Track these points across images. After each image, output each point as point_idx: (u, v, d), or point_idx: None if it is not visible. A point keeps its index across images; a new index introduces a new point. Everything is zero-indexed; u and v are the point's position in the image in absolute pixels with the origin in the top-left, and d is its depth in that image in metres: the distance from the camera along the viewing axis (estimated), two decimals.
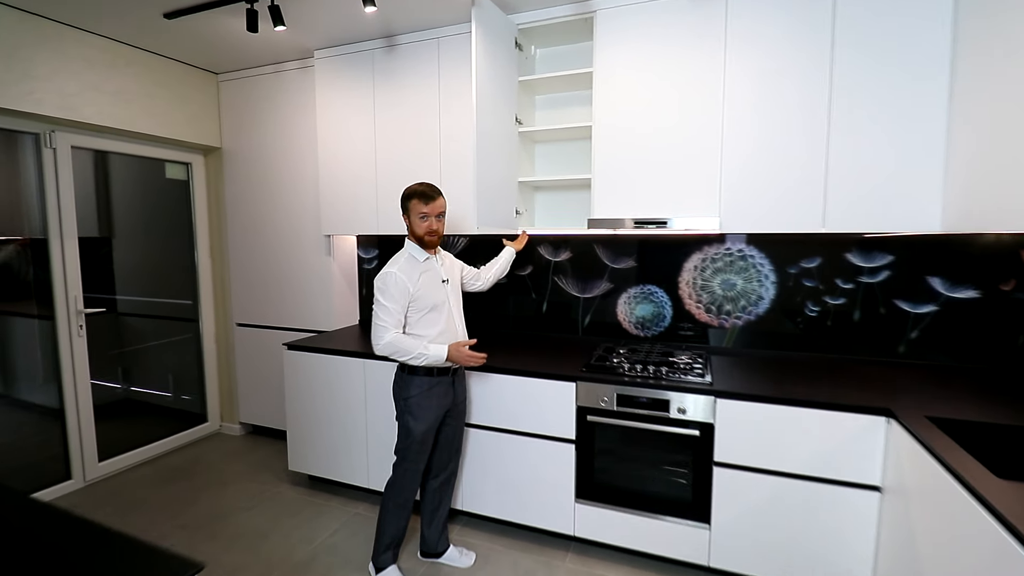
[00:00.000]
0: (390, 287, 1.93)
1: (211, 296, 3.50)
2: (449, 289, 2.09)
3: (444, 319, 2.04)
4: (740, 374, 2.15)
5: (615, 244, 2.68)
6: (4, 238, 2.63)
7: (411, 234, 2.04)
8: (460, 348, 1.99)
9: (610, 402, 2.09)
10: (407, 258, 2.01)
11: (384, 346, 1.93)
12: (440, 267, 2.09)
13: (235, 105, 3.31)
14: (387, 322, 1.92)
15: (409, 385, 2.02)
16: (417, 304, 1.97)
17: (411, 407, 2.02)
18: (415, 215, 1.99)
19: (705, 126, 2.15)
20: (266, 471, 2.99)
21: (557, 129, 2.47)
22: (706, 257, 2.51)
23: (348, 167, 2.87)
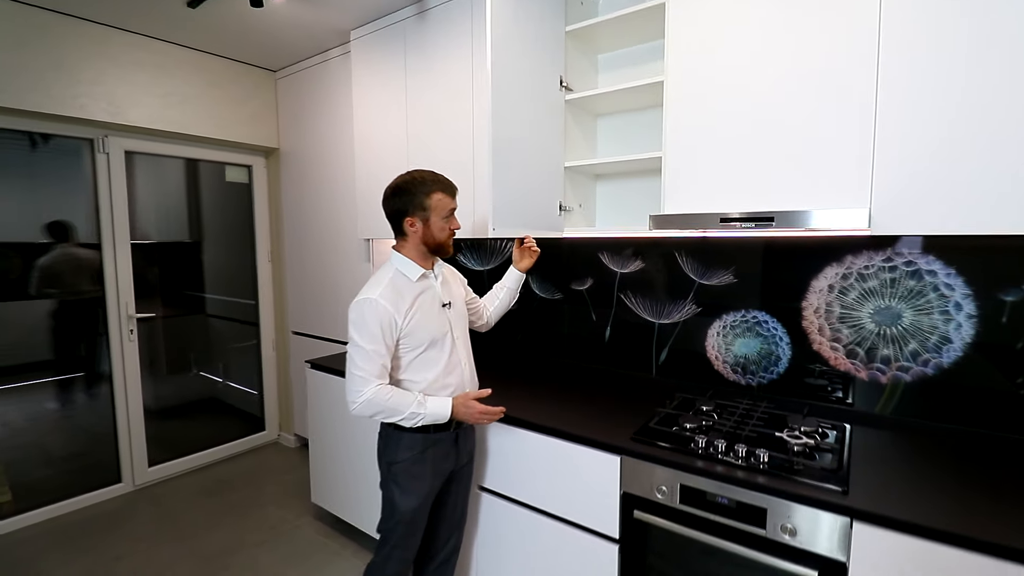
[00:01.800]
0: (368, 321, 1.39)
1: (271, 302, 3.39)
2: (453, 315, 1.56)
3: (447, 356, 1.51)
4: (902, 472, 1.29)
5: (706, 251, 1.90)
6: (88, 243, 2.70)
7: (421, 242, 1.49)
8: (470, 402, 1.47)
9: (669, 495, 1.37)
10: (393, 277, 1.47)
11: (362, 406, 1.39)
12: (439, 285, 1.55)
13: (290, 103, 3.13)
14: (365, 370, 1.38)
15: (396, 445, 1.50)
16: (410, 340, 1.45)
17: (397, 475, 1.51)
18: (439, 214, 1.46)
19: (844, 72, 1.31)
20: (296, 497, 2.73)
21: (621, 91, 1.77)
22: (850, 272, 1.63)
23: (384, 160, 2.47)
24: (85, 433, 2.88)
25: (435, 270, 1.57)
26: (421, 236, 1.48)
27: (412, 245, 1.50)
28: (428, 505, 1.56)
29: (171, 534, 2.41)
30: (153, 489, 2.84)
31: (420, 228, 1.47)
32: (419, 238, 1.48)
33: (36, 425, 2.89)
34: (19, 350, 2.97)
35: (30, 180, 2.76)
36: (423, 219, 1.46)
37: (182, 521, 2.52)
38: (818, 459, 1.32)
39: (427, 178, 1.46)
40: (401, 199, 1.46)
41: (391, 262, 1.52)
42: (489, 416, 1.49)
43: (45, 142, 2.62)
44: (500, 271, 2.11)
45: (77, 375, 2.96)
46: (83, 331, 2.80)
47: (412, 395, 1.43)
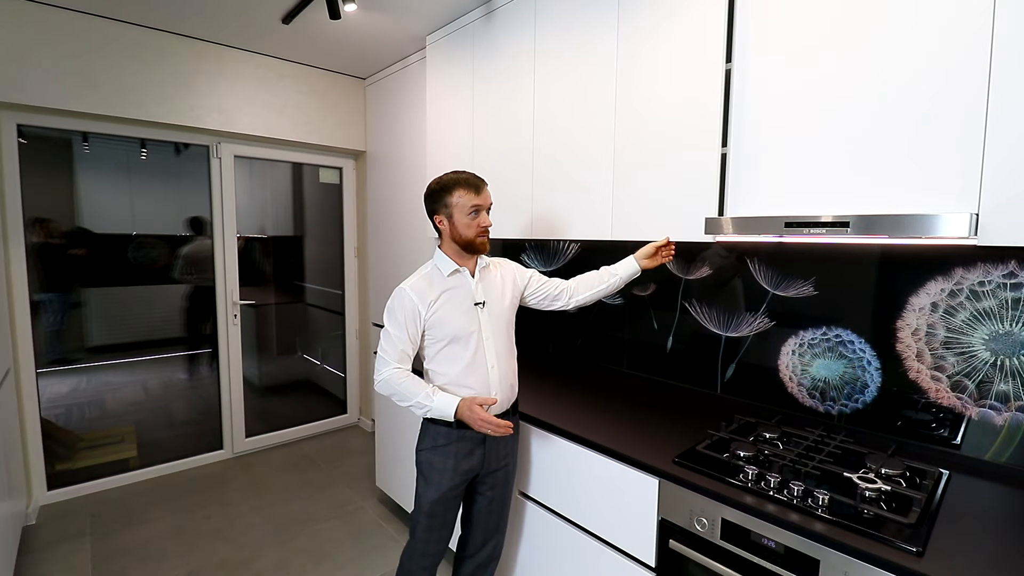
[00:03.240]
0: (395, 307, 1.49)
1: (355, 294, 3.63)
2: (485, 315, 1.55)
3: (471, 354, 1.51)
4: (1003, 536, 1.05)
5: (780, 258, 1.70)
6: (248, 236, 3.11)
7: (451, 239, 1.54)
8: (474, 407, 1.42)
9: (709, 528, 1.24)
10: (429, 272, 1.54)
11: (381, 384, 1.48)
12: (475, 283, 1.56)
13: (376, 108, 3.31)
14: (387, 352, 1.48)
15: (424, 434, 1.57)
16: (434, 333, 1.50)
17: (421, 464, 1.57)
18: (461, 211, 1.49)
19: (949, 43, 1.09)
20: (365, 480, 2.89)
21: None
22: (957, 288, 1.36)
23: (451, 161, 2.53)
24: (202, 403, 3.30)
25: (476, 268, 1.57)
26: (450, 233, 1.52)
27: (447, 242, 1.55)
28: (452, 503, 1.57)
29: (254, 501, 2.68)
30: (247, 458, 3.17)
31: (448, 226, 1.52)
32: (449, 236, 1.53)
33: (166, 392, 3.36)
34: (162, 327, 3.47)
35: (176, 181, 3.21)
36: (448, 216, 1.51)
37: (265, 490, 2.79)
38: (895, 509, 1.11)
39: (450, 178, 1.51)
40: (431, 200, 1.53)
41: (432, 258, 1.59)
42: (492, 427, 1.40)
43: (186, 149, 3.03)
44: (561, 273, 2.06)
45: (203, 351, 3.40)
46: (209, 312, 3.20)
47: (424, 386, 1.46)
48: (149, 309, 3.41)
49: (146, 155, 3.04)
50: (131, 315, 3.35)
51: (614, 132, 1.76)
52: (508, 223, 2.22)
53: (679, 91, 1.57)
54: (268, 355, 3.73)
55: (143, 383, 3.36)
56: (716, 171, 1.48)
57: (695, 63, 1.52)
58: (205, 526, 2.45)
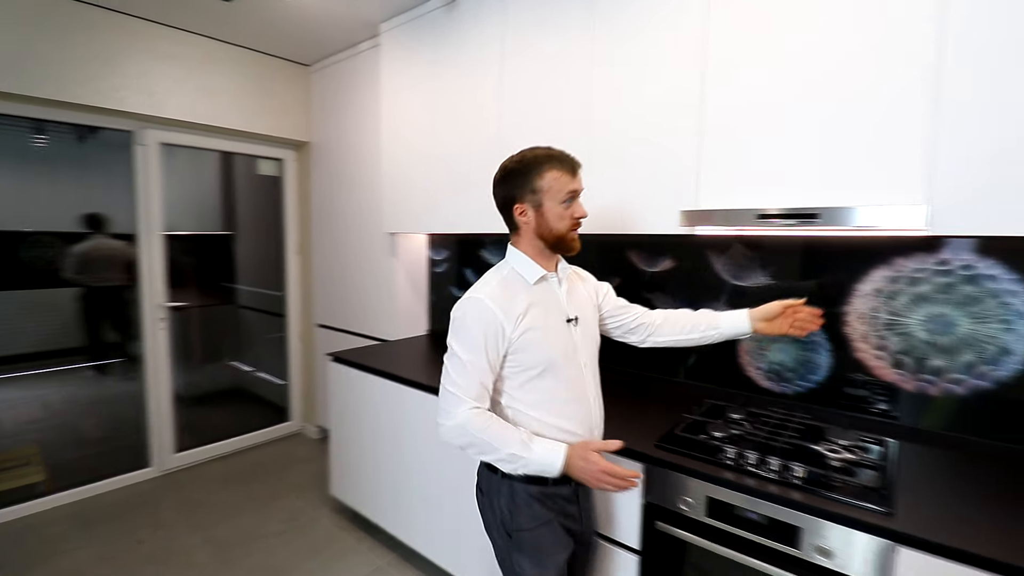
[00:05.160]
0: (470, 325, 1.13)
1: (299, 295, 3.43)
2: (579, 334, 1.23)
3: (567, 387, 1.19)
4: (952, 493, 1.18)
5: (741, 251, 1.81)
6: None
7: (535, 234, 1.20)
8: (590, 454, 1.11)
9: (695, 507, 1.29)
10: (507, 276, 1.20)
11: (451, 431, 1.14)
12: (563, 293, 1.25)
13: (322, 97, 3.15)
14: (459, 386, 1.13)
15: (513, 504, 1.18)
16: (521, 359, 1.15)
17: (524, 546, 1.18)
18: (554, 198, 1.16)
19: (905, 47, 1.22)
20: (316, 489, 2.73)
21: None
22: (899, 275, 1.52)
23: (414, 155, 2.45)
24: (117, 418, 2.97)
25: (559, 273, 1.26)
26: (535, 227, 1.18)
27: (527, 239, 1.21)
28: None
29: (193, 520, 2.45)
30: (179, 475, 2.89)
31: (532, 217, 1.18)
32: (533, 230, 1.19)
33: (71, 408, 3.00)
34: (60, 336, 3.10)
35: (78, 172, 2.88)
36: (535, 205, 1.17)
37: (204, 508, 2.56)
38: (859, 476, 1.22)
39: (540, 154, 1.17)
40: (510, 183, 1.18)
41: (506, 259, 1.25)
42: (616, 481, 1.10)
43: (93, 135, 2.71)
44: None
45: (112, 361, 3.07)
46: (116, 319, 2.89)
47: (516, 431, 1.12)
48: (46, 316, 3.04)
49: (44, 142, 2.71)
50: (24, 323, 2.98)
51: (587, 126, 1.79)
52: (469, 216, 2.20)
53: (656, 88, 1.62)
54: (193, 363, 3.44)
55: (42, 399, 2.99)
56: (692, 165, 1.55)
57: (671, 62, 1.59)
58: (138, 551, 2.20)
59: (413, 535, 2.10)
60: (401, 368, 2.19)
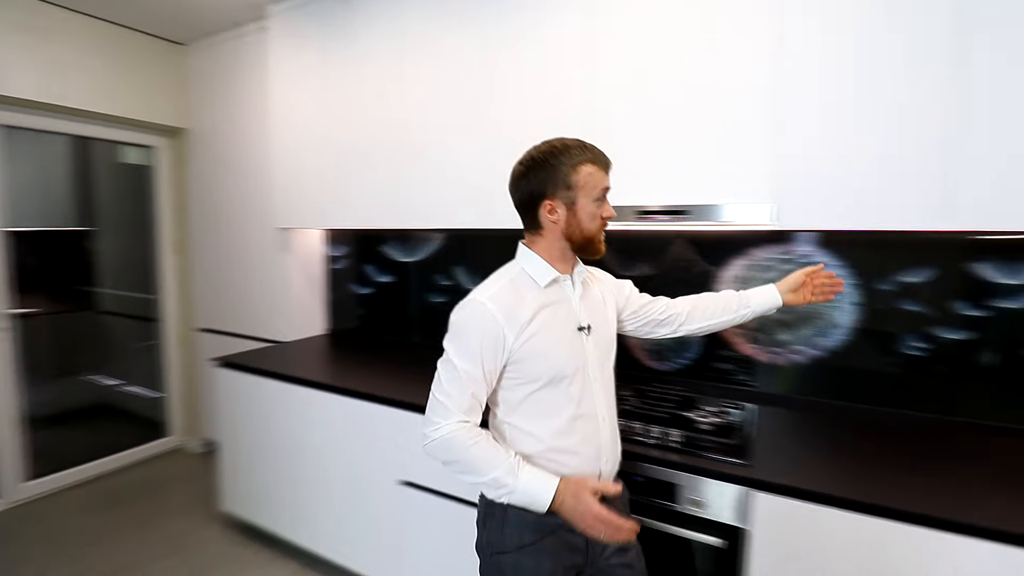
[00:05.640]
0: (468, 330, 1.03)
1: (176, 298, 3.12)
2: (591, 345, 1.10)
3: (574, 404, 1.06)
4: (796, 443, 1.42)
5: (623, 243, 1.98)
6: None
7: (563, 235, 1.07)
8: (583, 494, 0.98)
9: None
10: (515, 278, 1.08)
11: (436, 445, 1.03)
12: (576, 299, 1.13)
13: (203, 81, 2.89)
14: (449, 396, 1.02)
15: (501, 526, 1.06)
16: (522, 370, 1.04)
17: (503, 569, 1.07)
18: (588, 195, 1.04)
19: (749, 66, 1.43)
20: (204, 506, 2.52)
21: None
22: (753, 264, 1.77)
23: (309, 148, 2.35)
24: None
25: (574, 276, 1.13)
26: (564, 227, 1.06)
27: (550, 240, 1.08)
28: None
29: (60, 554, 2.15)
30: (33, 506, 2.51)
31: (563, 216, 1.05)
32: (561, 230, 1.06)
33: None
34: None
35: None
36: (568, 202, 1.04)
37: (72, 539, 2.25)
38: (725, 435, 1.41)
39: (572, 146, 1.04)
40: (537, 177, 1.05)
41: (516, 259, 1.12)
42: (609, 528, 0.95)
43: None
44: (428, 266, 2.08)
45: None
46: None
47: (505, 455, 1.00)
48: None
49: None
50: None
51: (483, 122, 1.86)
52: (367, 211, 2.17)
53: (543, 91, 1.74)
54: (45, 378, 2.98)
55: None
56: None
57: (557, 70, 1.70)
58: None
59: (318, 541, 2.04)
60: (300, 369, 2.10)
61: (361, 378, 2.00)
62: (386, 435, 1.80)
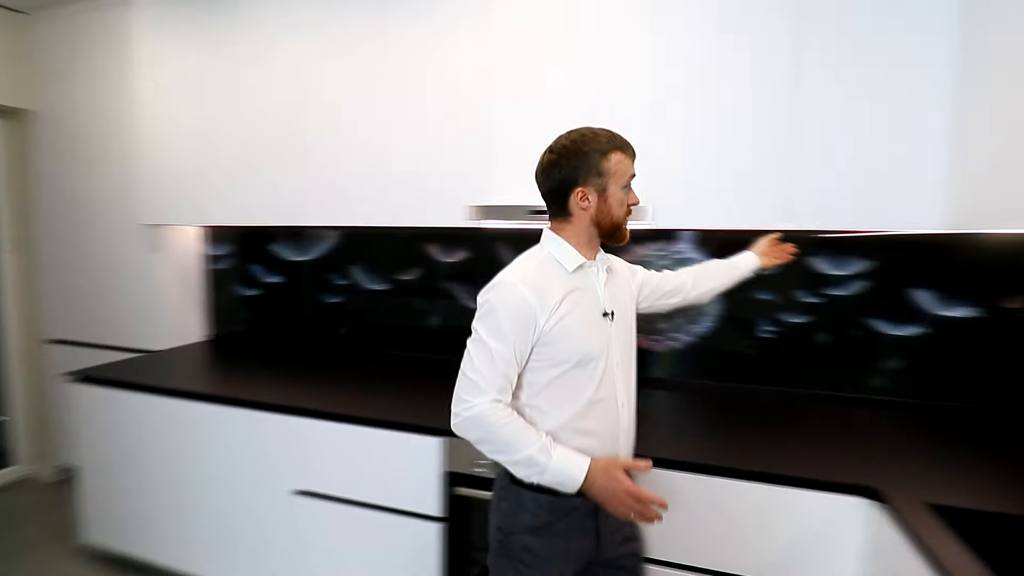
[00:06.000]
0: (500, 310, 1.02)
1: (18, 304, 2.69)
2: (614, 329, 1.11)
3: (596, 386, 1.06)
4: (672, 422, 1.57)
5: (524, 241, 2.05)
6: None
7: (593, 222, 1.08)
8: (616, 472, 0.99)
9: (490, 468, 1.46)
10: (543, 262, 1.09)
11: (467, 423, 1.02)
12: (601, 285, 1.13)
13: (49, 56, 2.53)
14: (483, 375, 1.02)
15: (515, 506, 1.07)
16: (551, 352, 1.04)
17: (513, 550, 1.07)
18: (618, 182, 1.06)
19: (631, 74, 1.56)
20: (58, 541, 2.22)
21: None
22: (636, 260, 1.92)
23: (181, 135, 2.15)
24: None
25: (598, 263, 1.14)
26: (594, 214, 1.07)
27: (579, 227, 1.09)
28: None
29: None
30: None
31: (594, 203, 1.06)
32: (591, 217, 1.07)
33: None
34: None
35: None
36: (599, 189, 1.05)
37: None
38: None
39: (601, 135, 1.06)
40: (570, 164, 1.05)
41: (542, 244, 1.13)
42: (640, 507, 0.97)
43: None
44: (312, 267, 2.00)
45: None
46: None
47: (537, 434, 1.01)
48: None
49: None
50: None
51: (381, 117, 1.84)
52: (253, 207, 2.05)
53: (447, 94, 1.76)
54: None
55: None
56: (480, 166, 1.73)
57: (462, 75, 1.73)
58: None
59: (207, 563, 1.88)
60: (176, 379, 1.94)
61: (248, 385, 1.89)
62: (278, 444, 1.71)
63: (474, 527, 1.52)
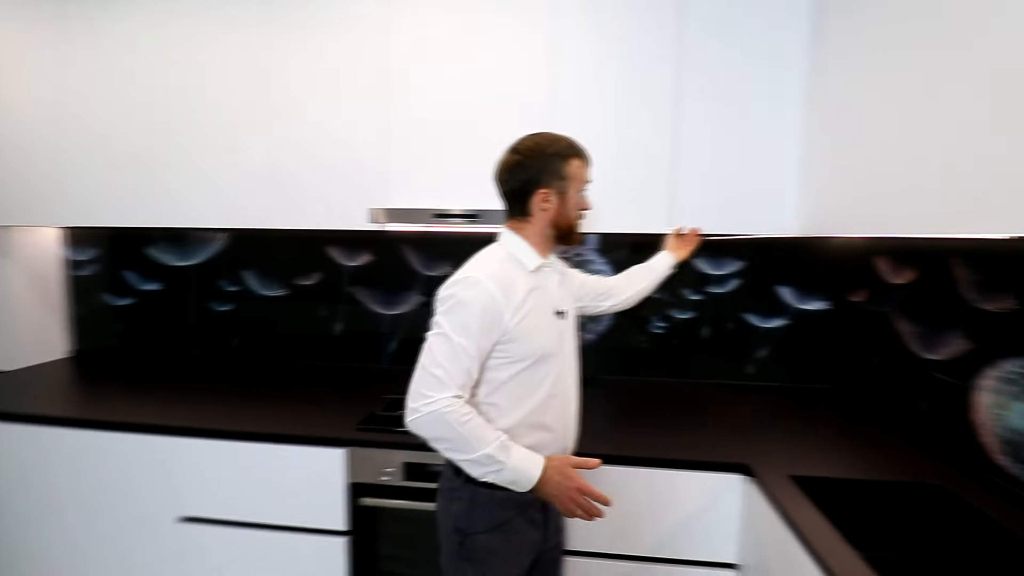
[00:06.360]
0: (468, 305, 1.01)
1: None
2: (566, 327, 1.17)
3: (553, 380, 1.10)
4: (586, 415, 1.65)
5: (430, 244, 2.05)
6: None
7: (551, 223, 1.12)
8: (568, 470, 1.03)
9: (395, 474, 1.44)
10: (505, 260, 1.10)
11: (425, 420, 0.99)
12: (555, 285, 1.17)
13: None
14: (445, 369, 1.00)
15: (471, 506, 1.07)
16: (513, 349, 1.05)
17: (475, 551, 1.07)
18: (576, 187, 1.12)
19: (528, 90, 1.61)
20: None
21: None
22: None
23: (36, 123, 1.87)
24: None
25: (552, 263, 1.19)
26: (553, 215, 1.11)
27: (538, 228, 1.13)
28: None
29: None
30: None
31: (555, 204, 1.10)
32: (550, 218, 1.11)
33: None
34: None
35: None
36: (560, 192, 1.10)
37: None
38: None
39: (563, 140, 1.12)
40: (534, 166, 1.09)
41: (500, 243, 1.14)
42: (588, 504, 1.01)
43: None
44: (197, 271, 1.84)
45: None
46: None
47: (495, 432, 1.01)
48: None
49: None
50: None
51: (271, 115, 1.73)
52: (125, 206, 1.85)
53: (344, 95, 1.70)
54: None
55: None
56: (380, 168, 1.69)
57: (358, 75, 1.68)
58: None
59: None
60: (28, 403, 1.69)
61: (119, 405, 1.70)
62: (160, 469, 1.55)
63: (381, 538, 1.48)
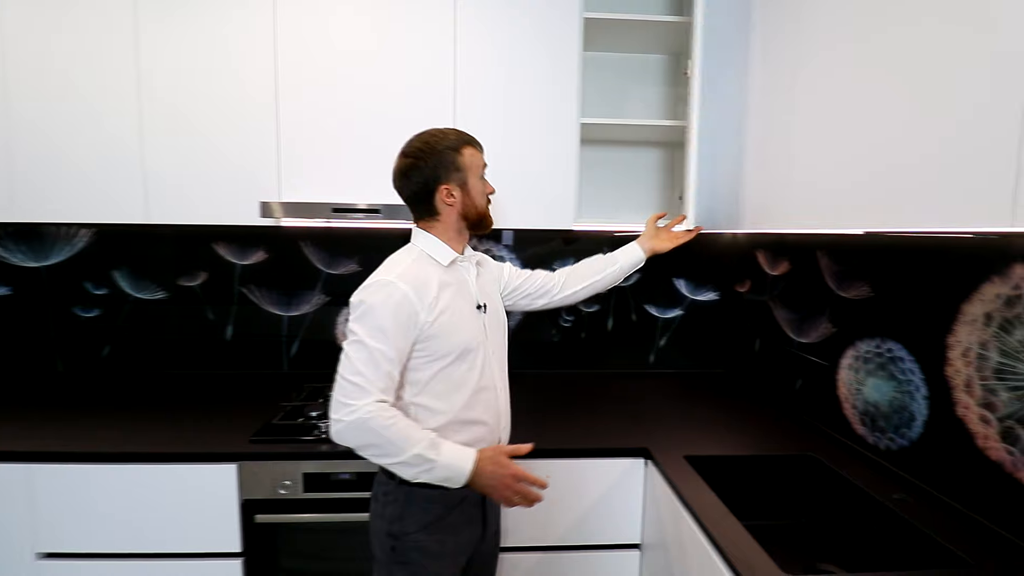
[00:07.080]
0: (378, 309, 1.00)
1: None
2: (488, 320, 1.17)
3: (478, 374, 1.11)
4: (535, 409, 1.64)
5: (333, 240, 1.94)
6: None
7: (460, 215, 1.13)
8: (502, 459, 1.03)
9: (293, 487, 1.34)
10: (418, 258, 1.09)
11: (349, 428, 0.97)
12: (473, 279, 1.17)
13: None
14: (364, 376, 0.98)
15: (403, 507, 1.07)
16: (433, 347, 1.05)
17: (407, 554, 1.07)
18: (475, 174, 1.13)
19: (436, 91, 1.57)
20: None
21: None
22: None
23: None
24: None
25: (468, 257, 1.18)
26: (461, 208, 1.12)
27: (448, 223, 1.13)
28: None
29: None
30: None
31: (459, 197, 1.11)
32: (458, 211, 1.12)
33: None
34: None
35: None
36: (460, 184, 1.10)
37: None
38: None
39: (449, 133, 1.12)
40: (428, 165, 1.08)
41: (413, 242, 1.14)
42: (525, 489, 1.02)
43: None
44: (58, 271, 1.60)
45: None
46: None
47: (423, 431, 1.00)
48: None
49: None
50: None
51: (142, 106, 1.54)
52: None
53: (231, 86, 1.56)
54: None
55: None
56: (272, 161, 1.57)
57: (245, 66, 1.54)
58: None
59: None
60: None
61: None
62: (13, 501, 1.33)
63: (279, 555, 1.39)
